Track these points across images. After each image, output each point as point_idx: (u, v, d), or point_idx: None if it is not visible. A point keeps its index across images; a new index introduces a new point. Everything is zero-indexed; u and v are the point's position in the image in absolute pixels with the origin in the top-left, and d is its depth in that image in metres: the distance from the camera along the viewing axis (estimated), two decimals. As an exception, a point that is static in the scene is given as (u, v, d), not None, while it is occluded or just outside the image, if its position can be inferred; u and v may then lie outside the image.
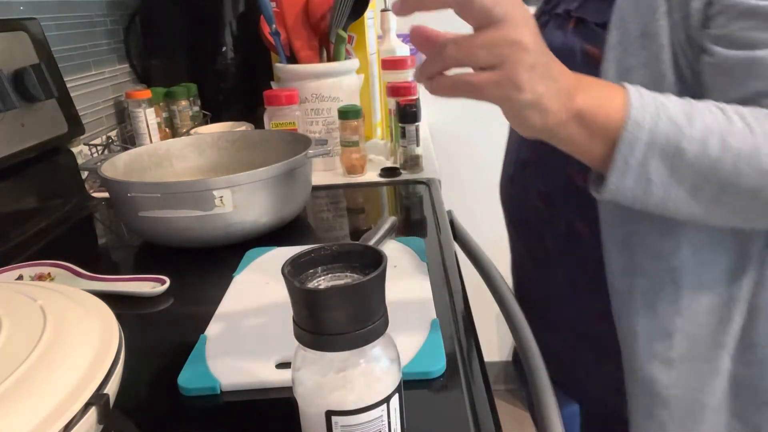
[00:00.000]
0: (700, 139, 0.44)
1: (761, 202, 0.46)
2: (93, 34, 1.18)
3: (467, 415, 0.42)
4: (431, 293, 0.58)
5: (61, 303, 0.43)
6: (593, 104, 0.45)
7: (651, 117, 0.45)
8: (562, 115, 0.45)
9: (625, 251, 0.57)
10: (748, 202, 0.47)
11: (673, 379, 0.58)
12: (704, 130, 0.45)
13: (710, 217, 0.49)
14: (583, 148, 0.47)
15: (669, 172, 0.46)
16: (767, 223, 0.51)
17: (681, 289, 0.55)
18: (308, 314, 0.33)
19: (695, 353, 0.57)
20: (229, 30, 1.30)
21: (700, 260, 0.55)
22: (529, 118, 0.45)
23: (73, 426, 0.32)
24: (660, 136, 0.45)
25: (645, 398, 0.59)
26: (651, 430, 0.60)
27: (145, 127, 1.14)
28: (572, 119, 0.45)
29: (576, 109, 0.45)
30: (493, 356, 2.06)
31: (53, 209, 0.91)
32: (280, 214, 0.77)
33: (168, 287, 0.64)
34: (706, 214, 0.48)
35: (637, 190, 0.47)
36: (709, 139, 0.44)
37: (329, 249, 0.36)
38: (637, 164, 0.46)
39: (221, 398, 0.46)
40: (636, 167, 0.46)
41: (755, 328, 0.56)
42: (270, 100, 1.00)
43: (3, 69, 0.82)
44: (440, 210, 0.85)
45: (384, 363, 0.35)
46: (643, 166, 0.46)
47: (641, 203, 0.48)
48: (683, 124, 0.45)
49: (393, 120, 1.04)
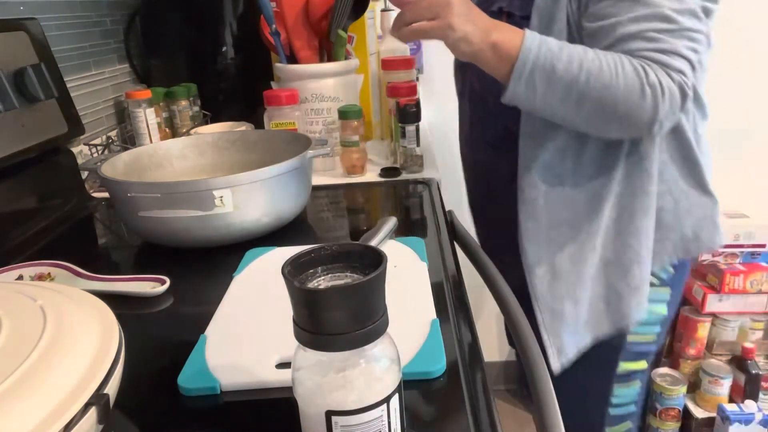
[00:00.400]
0: (566, 61, 0.69)
1: (603, 109, 0.70)
2: (93, 34, 1.18)
3: (467, 415, 0.42)
4: (431, 293, 0.58)
5: (61, 303, 0.42)
6: (503, 39, 0.71)
7: (536, 46, 0.70)
8: (482, 45, 0.71)
9: (530, 170, 0.82)
10: (597, 108, 0.70)
11: (564, 257, 0.83)
12: (569, 56, 0.69)
13: (576, 119, 0.73)
14: (494, 67, 0.72)
15: (546, 83, 0.70)
16: (615, 132, 0.74)
17: (565, 192, 0.82)
18: (308, 314, 0.33)
19: (577, 238, 0.83)
20: (229, 30, 1.30)
21: (578, 171, 0.81)
22: (461, 48, 0.71)
23: (73, 426, 0.32)
24: (541, 57, 0.69)
25: (548, 274, 0.84)
26: (553, 299, 0.84)
27: (145, 127, 1.14)
28: (489, 48, 0.71)
29: (491, 41, 0.71)
30: (493, 356, 2.06)
31: (53, 209, 0.91)
32: (280, 214, 0.77)
33: (168, 287, 0.64)
34: (573, 116, 0.73)
35: (528, 93, 0.71)
36: (573, 61, 0.69)
37: (329, 249, 0.36)
38: (527, 75, 0.70)
39: (221, 398, 0.46)
40: (526, 77, 0.70)
41: (620, 221, 0.82)
42: (270, 100, 1.00)
43: (3, 69, 0.82)
44: (440, 210, 0.85)
45: (384, 363, 0.35)
46: (530, 77, 0.70)
47: (530, 104, 0.73)
48: (556, 51, 0.70)
49: (393, 120, 1.04)
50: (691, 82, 0.70)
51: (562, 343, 0.84)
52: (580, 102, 0.70)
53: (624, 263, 0.82)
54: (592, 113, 0.71)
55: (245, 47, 1.31)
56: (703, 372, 1.70)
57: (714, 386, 1.69)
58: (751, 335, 1.73)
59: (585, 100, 0.70)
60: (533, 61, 0.69)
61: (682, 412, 1.73)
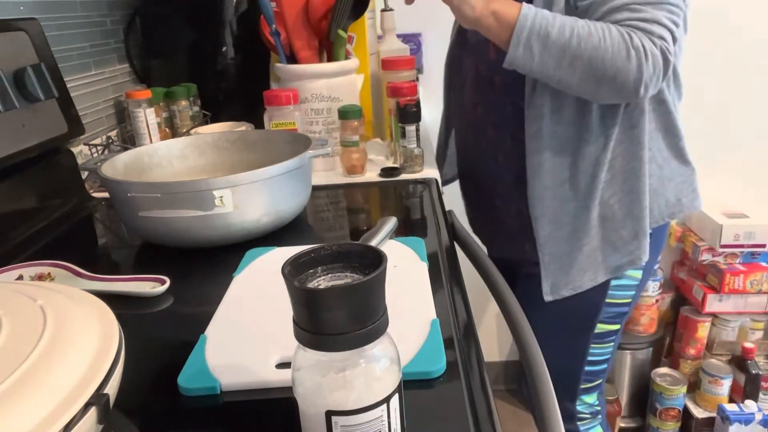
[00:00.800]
0: (559, 27, 0.79)
1: (593, 71, 0.79)
2: (93, 34, 1.18)
3: (467, 415, 0.42)
4: (431, 293, 0.58)
5: (61, 303, 0.42)
6: (502, 8, 0.81)
7: (532, 15, 0.79)
8: (484, 12, 0.81)
9: (537, 139, 0.91)
10: (588, 70, 0.79)
11: (566, 211, 0.94)
12: (562, 23, 0.79)
13: (571, 81, 0.81)
14: (496, 33, 0.82)
15: (542, 46, 0.80)
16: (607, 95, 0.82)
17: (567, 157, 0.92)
18: (308, 314, 0.33)
19: (577, 196, 0.93)
20: (229, 30, 1.30)
21: (580, 137, 0.90)
22: (464, 11, 0.81)
23: (73, 426, 0.32)
24: (536, 24, 0.79)
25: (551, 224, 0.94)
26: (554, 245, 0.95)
27: (145, 127, 1.14)
28: (490, 15, 0.81)
29: (492, 9, 0.81)
30: (493, 356, 2.06)
31: (53, 209, 0.91)
32: (280, 214, 0.77)
33: (168, 287, 0.64)
34: (568, 78, 0.81)
35: (525, 57, 0.81)
36: (565, 28, 0.79)
37: (329, 249, 0.36)
38: (524, 41, 0.80)
39: (221, 398, 0.46)
40: (524, 42, 0.80)
41: (615, 182, 0.92)
42: (270, 100, 1.00)
43: (3, 69, 0.82)
44: (440, 210, 0.85)
45: (384, 363, 0.35)
46: (528, 42, 0.80)
47: (529, 67, 0.82)
48: (550, 19, 0.79)
49: (393, 120, 1.04)
50: (672, 49, 0.79)
51: (556, 279, 0.97)
52: (572, 64, 0.79)
53: (619, 219, 0.94)
54: (584, 75, 0.80)
55: (245, 47, 1.31)
56: (703, 372, 1.70)
57: (714, 386, 1.69)
58: (751, 335, 1.73)
59: (577, 63, 0.79)
60: (529, 27, 0.79)
61: (682, 412, 1.73)
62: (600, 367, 1.12)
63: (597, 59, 0.78)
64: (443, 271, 0.65)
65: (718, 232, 1.65)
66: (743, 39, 1.65)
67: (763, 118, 1.74)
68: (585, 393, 1.16)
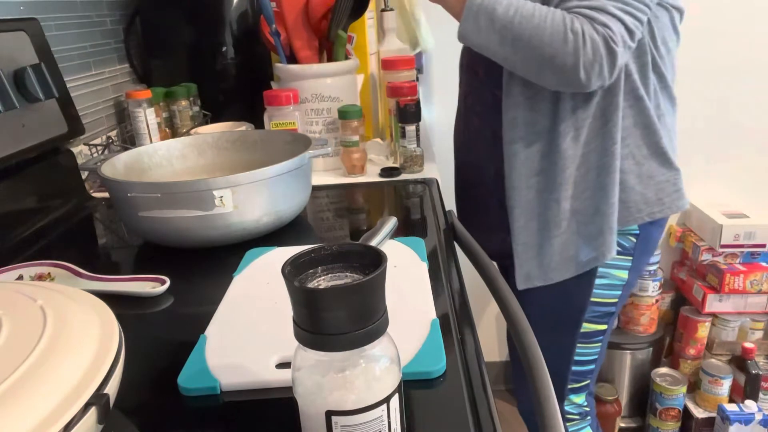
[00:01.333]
0: (505, 5, 0.82)
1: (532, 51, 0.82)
2: (93, 34, 1.18)
3: (467, 415, 0.42)
4: (431, 293, 0.58)
5: (61, 303, 0.42)
6: None
7: None
8: None
9: (513, 128, 0.94)
10: (528, 50, 0.82)
11: (538, 202, 0.95)
12: (509, 2, 0.82)
13: (514, 60, 0.84)
14: (451, 7, 0.87)
15: (488, 22, 0.83)
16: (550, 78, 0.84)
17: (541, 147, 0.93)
18: (308, 314, 0.33)
19: (549, 187, 0.94)
20: (229, 30, 1.30)
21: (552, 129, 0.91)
22: None
23: (73, 426, 0.32)
24: (486, 1, 0.83)
25: (524, 215, 0.97)
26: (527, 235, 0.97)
27: (145, 127, 1.14)
28: None
29: None
30: (493, 356, 2.06)
31: (53, 209, 0.91)
32: (280, 214, 0.77)
33: (168, 287, 0.64)
34: (511, 57, 0.84)
35: (473, 30, 0.84)
36: (510, 7, 0.82)
37: (329, 249, 0.36)
38: (473, 15, 0.84)
39: (221, 398, 0.46)
40: (472, 17, 0.84)
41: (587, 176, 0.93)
42: (270, 100, 1.00)
43: (3, 69, 0.82)
44: (440, 210, 0.85)
45: (384, 363, 0.35)
46: (476, 17, 0.84)
47: (476, 41, 0.86)
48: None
49: (393, 120, 1.04)
50: (619, 39, 0.80)
51: (529, 270, 0.98)
52: (515, 43, 0.82)
53: (588, 214, 0.95)
54: (526, 55, 0.83)
55: (245, 47, 1.31)
56: (703, 372, 1.70)
57: (714, 386, 1.69)
58: (751, 335, 1.73)
59: (518, 42, 0.82)
60: (479, 4, 0.83)
61: (682, 412, 1.73)
62: (587, 367, 1.12)
63: (535, 38, 0.81)
64: (443, 271, 0.65)
65: (718, 232, 1.65)
66: (743, 39, 1.65)
67: (763, 118, 1.74)
68: (573, 393, 1.15)
